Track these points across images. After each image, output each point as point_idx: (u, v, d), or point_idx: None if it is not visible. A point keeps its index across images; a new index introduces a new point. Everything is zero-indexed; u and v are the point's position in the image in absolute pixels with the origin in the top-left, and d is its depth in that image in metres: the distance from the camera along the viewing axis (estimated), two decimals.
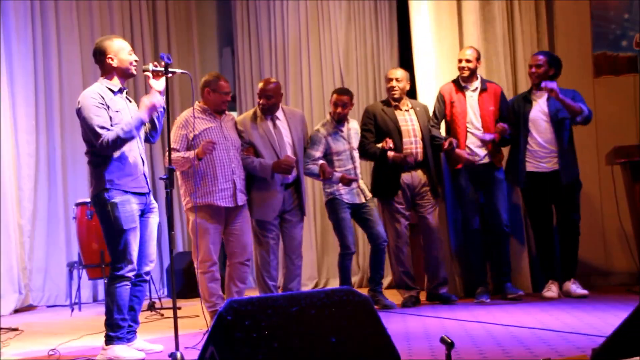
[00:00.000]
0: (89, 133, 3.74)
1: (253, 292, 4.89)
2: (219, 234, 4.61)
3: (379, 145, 5.06)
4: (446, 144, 5.02)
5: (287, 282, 4.94)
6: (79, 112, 3.78)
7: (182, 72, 3.87)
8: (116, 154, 3.79)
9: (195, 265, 4.59)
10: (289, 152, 4.83)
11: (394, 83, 5.15)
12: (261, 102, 4.81)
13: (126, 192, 3.80)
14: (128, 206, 3.79)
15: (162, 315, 5.36)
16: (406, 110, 5.18)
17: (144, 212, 3.93)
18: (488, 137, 5.05)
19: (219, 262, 4.65)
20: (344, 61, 6.72)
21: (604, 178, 5.46)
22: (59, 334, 4.75)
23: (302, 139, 4.98)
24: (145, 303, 5.74)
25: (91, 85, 3.94)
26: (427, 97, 5.50)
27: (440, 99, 5.22)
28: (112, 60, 3.85)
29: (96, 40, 4.01)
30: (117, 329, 3.82)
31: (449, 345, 2.76)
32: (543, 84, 4.93)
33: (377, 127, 5.13)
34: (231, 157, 4.62)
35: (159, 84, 3.87)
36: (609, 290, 5.15)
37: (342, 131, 5.13)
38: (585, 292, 4.97)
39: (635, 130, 5.48)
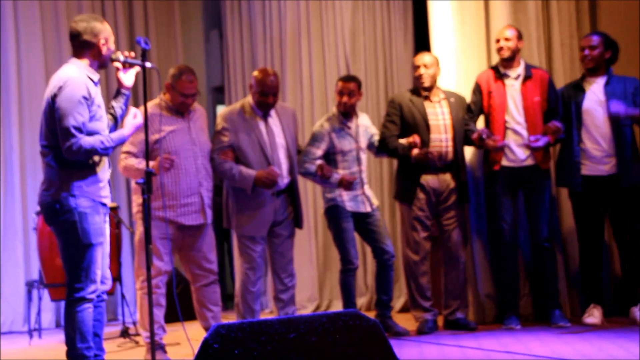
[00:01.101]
0: (60, 130, 3.68)
1: (231, 317, 4.88)
2: (171, 252, 4.56)
3: (404, 141, 5.04)
4: (476, 134, 4.99)
5: (280, 307, 4.87)
6: (56, 98, 3.69)
7: (151, 67, 3.86)
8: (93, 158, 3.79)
9: (136, 286, 4.58)
10: (282, 155, 4.81)
11: (422, 70, 5.12)
12: (259, 99, 4.75)
13: (94, 200, 3.79)
14: (97, 217, 3.79)
15: (137, 343, 5.35)
16: (437, 102, 5.15)
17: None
18: (542, 141, 4.95)
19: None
20: (350, 47, 6.73)
21: None
22: None
23: (295, 140, 4.97)
24: (118, 329, 5.76)
25: (57, 68, 3.88)
26: (446, 87, 5.49)
27: (477, 89, 5.20)
28: (104, 46, 3.82)
29: (76, 17, 3.92)
30: (82, 358, 3.80)
31: None
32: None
33: (403, 119, 5.12)
34: (199, 165, 4.60)
35: (128, 78, 3.87)
36: None
37: (349, 127, 5.13)
38: None
39: None
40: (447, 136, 5.09)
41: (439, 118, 5.12)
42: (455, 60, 5.56)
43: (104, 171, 3.88)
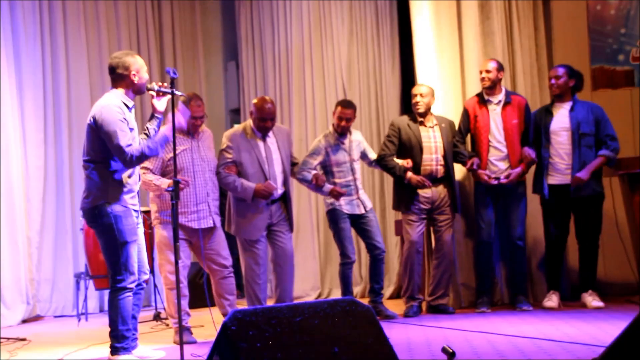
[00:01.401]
0: (113, 149, 3.72)
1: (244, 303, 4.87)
2: (188, 250, 4.58)
3: (400, 162, 5.07)
4: (468, 164, 5.07)
5: (282, 294, 4.84)
6: (99, 124, 3.72)
7: (180, 95, 3.88)
8: (125, 171, 3.81)
9: (162, 280, 4.57)
10: (278, 170, 4.80)
11: (417, 99, 5.13)
12: (259, 124, 4.72)
13: (126, 207, 3.83)
14: (130, 219, 3.83)
15: (167, 325, 5.35)
16: (431, 127, 5.16)
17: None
18: (513, 174, 5.01)
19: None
20: (346, 75, 6.75)
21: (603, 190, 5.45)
22: (66, 344, 4.76)
23: (289, 156, 4.96)
24: (151, 313, 5.76)
25: (100, 96, 3.95)
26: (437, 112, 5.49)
27: (465, 113, 5.23)
28: (135, 76, 3.85)
29: (113, 54, 3.99)
30: (123, 339, 3.82)
31: (451, 355, 2.76)
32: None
33: (401, 140, 5.14)
34: (207, 179, 4.61)
35: (161, 104, 3.89)
36: (609, 300, 5.13)
37: (343, 143, 5.15)
38: (600, 304, 4.94)
39: (633, 142, 5.49)
40: (438, 156, 5.11)
41: (432, 141, 5.12)
42: (436, 88, 5.57)
43: (135, 183, 3.90)
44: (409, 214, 5.11)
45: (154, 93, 3.86)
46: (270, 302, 5.22)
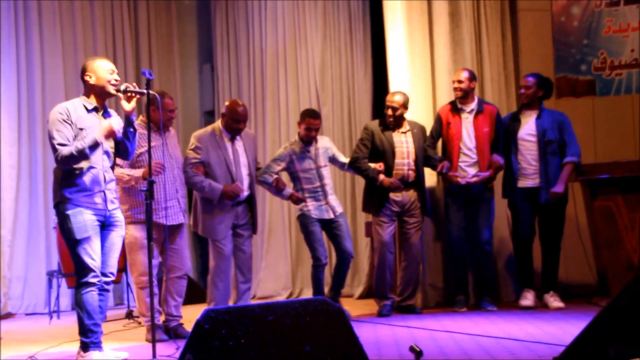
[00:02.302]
0: (51, 147, 3.74)
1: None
2: (157, 249, 4.56)
3: (373, 165, 5.10)
4: (439, 167, 5.12)
5: (240, 295, 4.85)
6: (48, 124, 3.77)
7: (152, 94, 3.83)
8: (75, 170, 3.74)
9: (133, 280, 4.54)
10: (244, 173, 4.80)
11: (390, 112, 5.13)
12: (232, 125, 4.72)
13: (80, 205, 3.75)
14: (80, 217, 3.73)
15: (140, 323, 5.30)
16: (403, 133, 5.17)
17: (105, 225, 3.85)
18: (481, 177, 5.09)
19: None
20: (319, 79, 6.76)
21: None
22: (37, 342, 4.69)
23: (255, 159, 4.96)
24: (123, 312, 5.71)
25: (72, 99, 3.93)
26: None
27: (438, 120, 5.28)
28: (90, 77, 3.82)
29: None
30: (91, 333, 3.76)
31: (418, 354, 2.79)
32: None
33: (374, 144, 5.16)
34: (175, 175, 4.59)
35: (129, 105, 3.84)
36: (570, 301, 5.22)
37: (309, 151, 5.11)
38: (561, 304, 5.02)
39: (593, 149, 5.60)
40: (410, 161, 5.13)
41: (404, 146, 5.14)
42: (407, 91, 5.61)
43: (93, 182, 3.77)
44: (379, 216, 5.14)
45: (121, 95, 3.82)
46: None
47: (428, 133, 5.32)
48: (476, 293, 5.35)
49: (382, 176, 5.07)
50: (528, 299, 5.11)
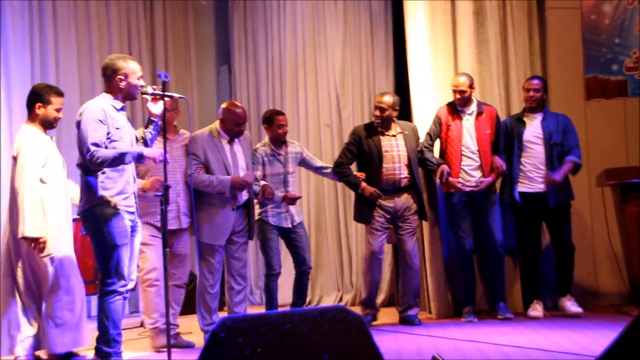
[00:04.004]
0: (81, 145, 3.72)
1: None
2: (154, 252, 4.53)
3: (357, 174, 5.06)
4: (438, 173, 5.07)
5: (233, 306, 4.80)
6: (78, 123, 3.76)
7: (179, 97, 3.88)
8: (112, 172, 3.78)
9: (139, 280, 4.53)
10: (242, 175, 4.75)
11: (378, 112, 5.10)
12: (235, 129, 4.72)
13: (118, 209, 3.78)
14: (121, 222, 3.77)
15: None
16: (393, 136, 5.11)
17: (132, 230, 3.89)
18: (485, 183, 5.06)
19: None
20: (339, 81, 6.76)
21: (594, 199, 5.50)
22: None
23: (251, 163, 4.94)
24: (139, 320, 5.73)
25: (90, 99, 3.95)
26: (423, 117, 5.52)
27: (437, 121, 5.25)
28: (122, 81, 3.84)
29: (109, 55, 4.00)
30: (114, 343, 3.78)
31: None
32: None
33: (361, 149, 5.11)
34: (177, 179, 4.61)
35: (157, 108, 3.88)
36: (599, 310, 5.17)
37: (279, 154, 5.07)
38: (579, 310, 4.99)
39: (625, 152, 5.54)
40: (401, 165, 5.05)
41: (394, 150, 5.07)
42: (430, 95, 5.60)
43: (128, 184, 3.85)
44: (372, 224, 5.06)
45: (148, 97, 3.85)
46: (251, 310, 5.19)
47: (425, 134, 5.26)
48: (489, 300, 5.27)
49: (363, 184, 5.02)
50: (537, 310, 5.08)
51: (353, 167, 5.26)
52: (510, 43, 5.70)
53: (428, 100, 5.60)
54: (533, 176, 5.11)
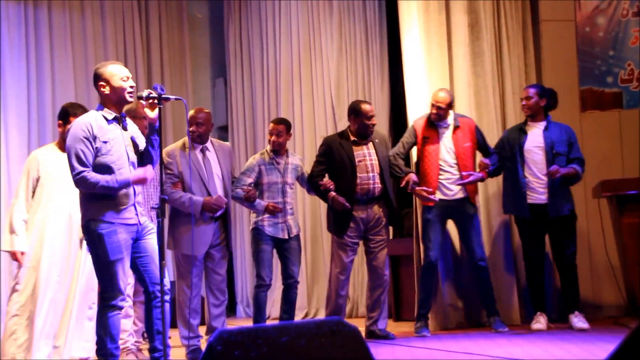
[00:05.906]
0: (68, 163, 3.68)
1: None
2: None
3: (325, 181, 5.00)
4: (403, 182, 5.03)
5: (212, 320, 4.75)
6: (67, 139, 3.73)
7: (176, 99, 3.85)
8: None
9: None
10: (218, 185, 4.75)
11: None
12: (191, 129, 4.69)
13: (113, 223, 3.72)
14: (115, 237, 3.69)
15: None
16: (365, 145, 5.08)
17: (138, 239, 3.82)
18: (473, 177, 5.05)
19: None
20: (335, 92, 6.81)
21: (591, 211, 5.54)
22: None
23: (230, 172, 4.90)
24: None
25: (86, 111, 3.96)
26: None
27: (412, 132, 5.22)
28: (104, 87, 3.75)
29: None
30: (112, 357, 3.77)
31: None
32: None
33: (333, 160, 5.07)
34: (150, 193, 4.60)
35: (153, 113, 3.85)
36: (597, 322, 5.18)
37: (278, 163, 5.04)
38: (586, 325, 4.94)
39: (621, 164, 5.58)
40: (375, 174, 5.02)
41: (367, 158, 5.04)
42: (425, 106, 5.61)
43: (127, 195, 3.74)
44: (343, 239, 5.03)
45: (144, 102, 3.82)
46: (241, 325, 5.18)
47: (399, 141, 5.24)
48: (486, 312, 5.26)
49: (332, 194, 4.94)
50: (540, 322, 5.06)
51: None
52: (505, 55, 5.75)
53: (423, 112, 5.61)
54: (534, 186, 5.09)
